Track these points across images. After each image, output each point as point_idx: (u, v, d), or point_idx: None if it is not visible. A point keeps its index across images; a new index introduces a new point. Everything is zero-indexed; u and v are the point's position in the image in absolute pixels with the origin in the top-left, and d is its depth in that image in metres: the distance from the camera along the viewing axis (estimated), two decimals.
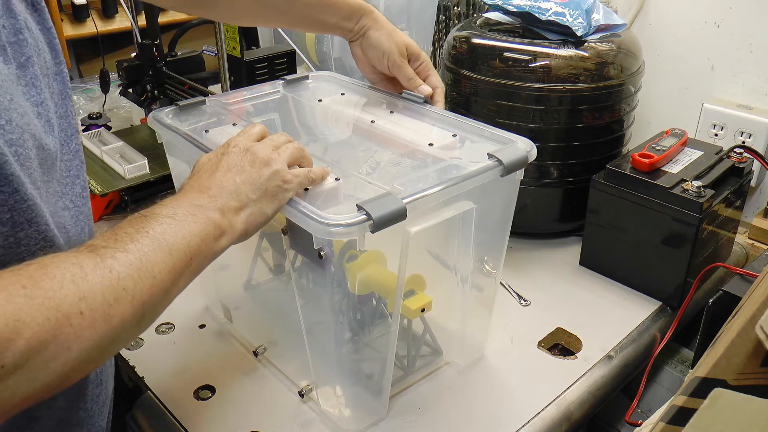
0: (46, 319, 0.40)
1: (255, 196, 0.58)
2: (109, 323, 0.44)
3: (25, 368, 0.39)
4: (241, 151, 0.60)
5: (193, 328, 0.88)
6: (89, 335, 0.43)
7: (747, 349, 0.46)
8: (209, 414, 0.74)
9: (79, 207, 0.56)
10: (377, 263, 0.70)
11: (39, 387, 0.41)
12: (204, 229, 0.53)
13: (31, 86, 0.49)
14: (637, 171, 0.91)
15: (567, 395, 0.77)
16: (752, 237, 1.08)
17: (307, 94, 0.91)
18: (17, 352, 0.39)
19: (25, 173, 0.46)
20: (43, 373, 0.41)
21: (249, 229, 0.58)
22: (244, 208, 0.57)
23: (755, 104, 1.08)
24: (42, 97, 0.50)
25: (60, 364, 0.41)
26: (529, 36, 1.01)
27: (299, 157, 0.63)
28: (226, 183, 0.57)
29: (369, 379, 0.75)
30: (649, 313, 0.90)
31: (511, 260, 0.96)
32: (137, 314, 0.46)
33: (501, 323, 0.87)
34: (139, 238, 0.48)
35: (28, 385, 0.40)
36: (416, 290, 0.72)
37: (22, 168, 0.46)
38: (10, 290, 0.40)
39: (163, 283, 0.49)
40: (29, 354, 0.39)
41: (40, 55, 0.52)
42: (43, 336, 0.40)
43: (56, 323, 0.41)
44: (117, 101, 1.47)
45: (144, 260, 0.47)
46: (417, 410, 0.75)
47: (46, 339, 0.40)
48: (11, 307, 0.39)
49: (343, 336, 0.72)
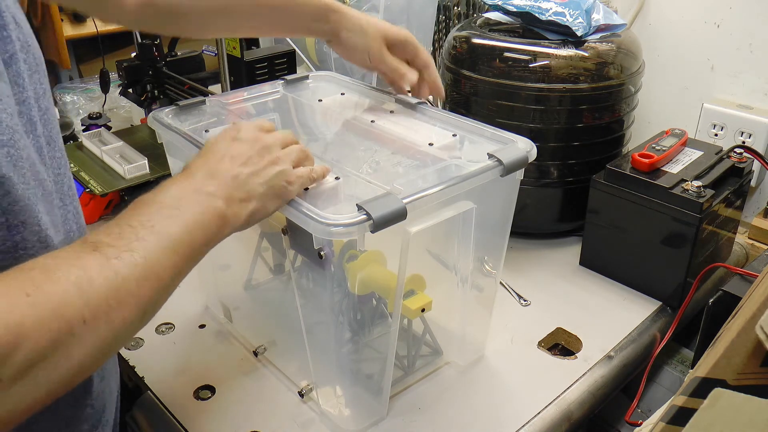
0: (48, 330, 0.39)
1: (261, 191, 0.57)
2: (111, 326, 0.43)
3: (26, 379, 0.39)
4: (251, 142, 0.59)
5: (193, 328, 0.88)
6: (92, 341, 0.42)
7: (747, 349, 0.46)
8: (209, 414, 0.74)
9: (67, 205, 0.56)
10: (377, 263, 0.70)
11: (42, 395, 0.41)
12: (209, 220, 0.53)
13: (14, 84, 0.48)
14: (637, 171, 0.91)
15: (567, 395, 0.77)
16: (752, 237, 1.08)
17: (307, 94, 0.91)
18: (17, 364, 0.38)
19: (18, 174, 0.45)
20: (45, 381, 0.40)
21: (250, 222, 0.57)
22: (249, 201, 0.56)
23: (755, 104, 1.08)
24: (25, 96, 0.49)
25: (62, 371, 0.41)
26: (529, 36, 1.01)
27: (303, 158, 0.63)
28: (234, 172, 0.56)
29: (369, 379, 0.75)
30: (649, 313, 0.90)
31: (511, 260, 0.96)
32: (140, 314, 0.46)
33: (501, 323, 0.87)
34: (144, 235, 0.47)
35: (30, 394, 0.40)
36: (416, 290, 0.72)
37: (15, 168, 0.45)
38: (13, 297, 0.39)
39: (166, 281, 0.48)
40: (29, 365, 0.39)
41: (28, 51, 0.50)
42: (45, 346, 0.39)
43: (58, 333, 0.40)
44: (117, 101, 1.47)
45: (149, 259, 0.46)
46: (417, 410, 0.75)
47: (48, 349, 0.39)
48: (13, 316, 0.38)
49: (343, 336, 0.72)
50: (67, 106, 1.48)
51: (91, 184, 1.08)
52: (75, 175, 1.10)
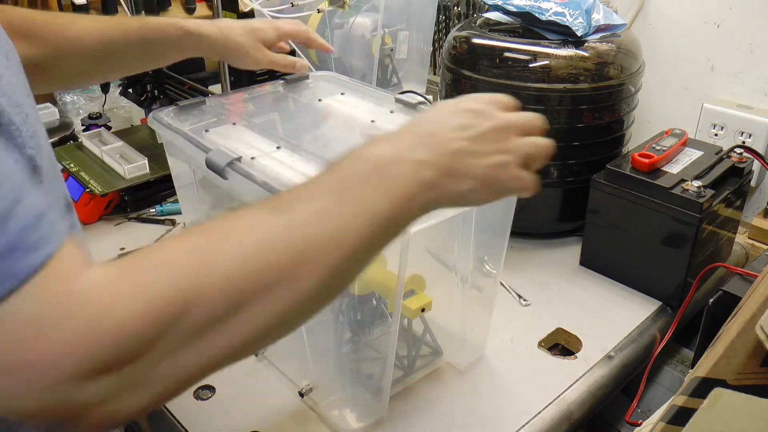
0: (223, 294, 0.38)
1: (482, 174, 0.48)
2: (291, 295, 0.40)
3: (196, 345, 0.38)
4: (487, 117, 0.50)
5: None
6: (267, 309, 0.40)
7: (747, 349, 0.46)
8: (209, 414, 0.74)
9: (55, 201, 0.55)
10: (377, 263, 0.70)
11: (210, 363, 0.39)
12: (413, 193, 0.45)
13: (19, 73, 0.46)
14: (637, 171, 0.91)
15: (567, 395, 0.77)
16: (752, 237, 1.08)
17: (307, 94, 0.91)
18: (188, 328, 0.37)
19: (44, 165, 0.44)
20: (216, 348, 0.39)
21: (459, 202, 0.49)
22: (466, 179, 0.48)
23: (755, 104, 1.08)
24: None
25: (235, 339, 0.39)
26: (529, 36, 1.01)
27: (536, 157, 0.52)
28: (459, 145, 0.48)
29: (369, 379, 0.75)
30: (649, 313, 0.90)
31: (511, 260, 0.96)
32: (322, 284, 0.41)
33: (501, 323, 0.87)
34: (333, 201, 0.43)
35: (197, 362, 0.39)
36: (416, 290, 0.72)
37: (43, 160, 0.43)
38: (189, 258, 0.38)
39: (354, 252, 0.43)
40: (201, 330, 0.37)
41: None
42: (220, 311, 0.38)
43: (235, 298, 0.38)
44: (117, 101, 1.47)
45: (336, 227, 0.42)
46: (417, 410, 0.75)
47: (222, 314, 0.38)
48: (188, 279, 0.37)
49: (343, 336, 0.72)
50: (67, 106, 1.48)
51: (91, 184, 1.08)
52: (75, 175, 1.10)
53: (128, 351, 0.36)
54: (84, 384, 0.35)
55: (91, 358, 0.34)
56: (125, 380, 0.36)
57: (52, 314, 0.34)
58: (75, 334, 0.34)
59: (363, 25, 1.30)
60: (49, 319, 0.34)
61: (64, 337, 0.34)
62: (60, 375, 0.34)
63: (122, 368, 0.36)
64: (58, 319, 0.34)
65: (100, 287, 0.36)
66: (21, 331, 0.34)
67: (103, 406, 0.36)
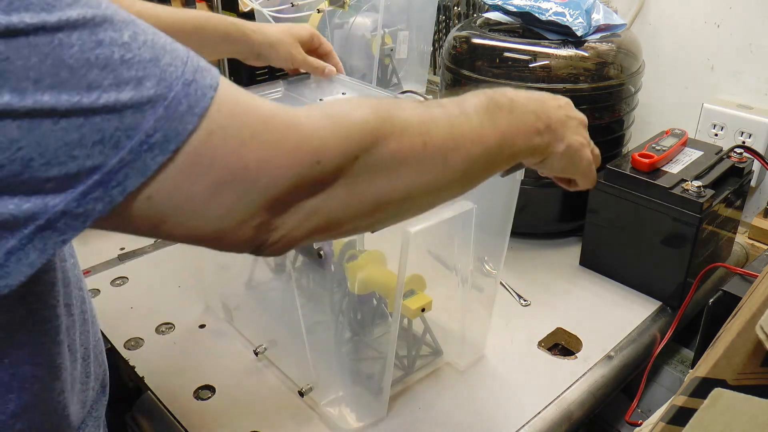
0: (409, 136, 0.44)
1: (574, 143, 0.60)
2: (443, 167, 0.47)
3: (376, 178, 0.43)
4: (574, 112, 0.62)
5: (193, 328, 0.88)
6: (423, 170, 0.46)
7: (747, 349, 0.46)
8: (209, 414, 0.74)
9: None
10: (377, 263, 0.70)
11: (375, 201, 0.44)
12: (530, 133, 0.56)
13: None
14: (637, 171, 0.91)
15: (567, 395, 0.77)
16: (752, 237, 1.08)
17: (308, 94, 0.91)
18: (379, 157, 0.42)
19: None
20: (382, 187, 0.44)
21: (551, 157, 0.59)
22: (562, 142, 0.59)
23: (755, 104, 1.08)
24: None
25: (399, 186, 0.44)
26: (529, 36, 1.01)
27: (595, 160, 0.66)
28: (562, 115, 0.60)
29: (369, 379, 0.75)
30: (649, 313, 0.90)
31: (511, 260, 0.96)
32: (465, 170, 0.49)
33: (501, 323, 0.87)
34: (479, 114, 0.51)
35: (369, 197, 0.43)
36: (416, 290, 0.72)
37: None
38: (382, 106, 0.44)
39: (487, 156, 0.51)
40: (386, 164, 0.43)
41: None
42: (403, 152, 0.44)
43: (417, 146, 0.45)
44: None
45: (481, 128, 0.51)
46: (417, 410, 0.75)
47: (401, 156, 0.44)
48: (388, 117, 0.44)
49: (343, 336, 0.72)
50: None
51: None
52: None
53: (327, 171, 0.40)
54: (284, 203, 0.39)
55: (296, 174, 0.39)
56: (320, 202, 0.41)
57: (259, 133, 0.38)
58: (288, 149, 0.39)
59: (363, 25, 1.30)
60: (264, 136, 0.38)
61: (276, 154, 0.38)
62: (268, 186, 0.38)
63: (317, 192, 0.40)
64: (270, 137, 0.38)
65: (302, 116, 0.41)
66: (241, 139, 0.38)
67: (292, 230, 0.41)
